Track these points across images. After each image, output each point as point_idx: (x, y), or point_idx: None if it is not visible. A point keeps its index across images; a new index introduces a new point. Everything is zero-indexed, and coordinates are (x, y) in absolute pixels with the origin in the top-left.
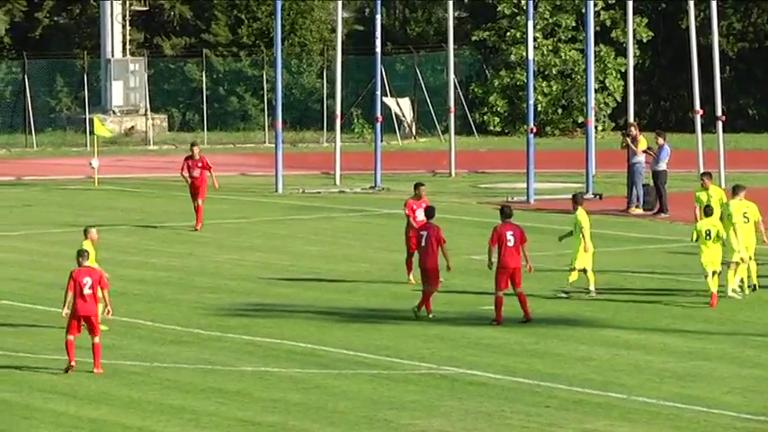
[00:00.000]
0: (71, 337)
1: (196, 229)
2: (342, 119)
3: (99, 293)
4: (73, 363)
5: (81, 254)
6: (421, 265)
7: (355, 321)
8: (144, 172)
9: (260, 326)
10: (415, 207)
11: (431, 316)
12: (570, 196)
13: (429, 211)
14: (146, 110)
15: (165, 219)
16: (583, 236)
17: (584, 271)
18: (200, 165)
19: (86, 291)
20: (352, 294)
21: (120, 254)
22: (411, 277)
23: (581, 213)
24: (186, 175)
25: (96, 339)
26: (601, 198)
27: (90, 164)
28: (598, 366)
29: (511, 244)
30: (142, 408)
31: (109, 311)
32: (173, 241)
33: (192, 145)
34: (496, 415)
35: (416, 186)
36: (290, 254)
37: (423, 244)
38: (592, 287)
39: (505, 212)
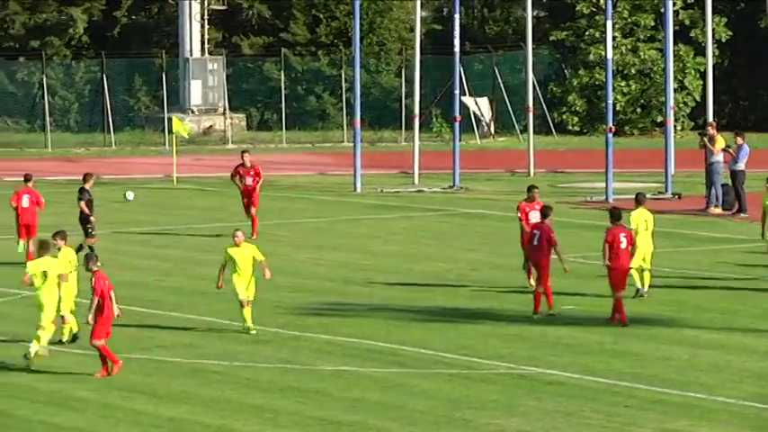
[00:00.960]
0: (103, 342)
1: (253, 239)
2: (420, 118)
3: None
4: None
5: (90, 258)
6: (534, 264)
7: (434, 321)
8: (222, 171)
9: (339, 325)
10: (528, 210)
11: (546, 313)
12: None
13: (545, 211)
14: (224, 109)
15: (244, 218)
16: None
17: (642, 270)
18: (252, 173)
19: (111, 294)
20: (430, 294)
21: (199, 253)
22: (532, 281)
23: (637, 213)
24: (238, 182)
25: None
26: (680, 198)
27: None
28: (677, 366)
29: (624, 246)
30: (221, 406)
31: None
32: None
33: (243, 152)
34: (575, 415)
35: (530, 189)
36: (368, 253)
37: (534, 243)
38: (643, 287)
39: (614, 215)
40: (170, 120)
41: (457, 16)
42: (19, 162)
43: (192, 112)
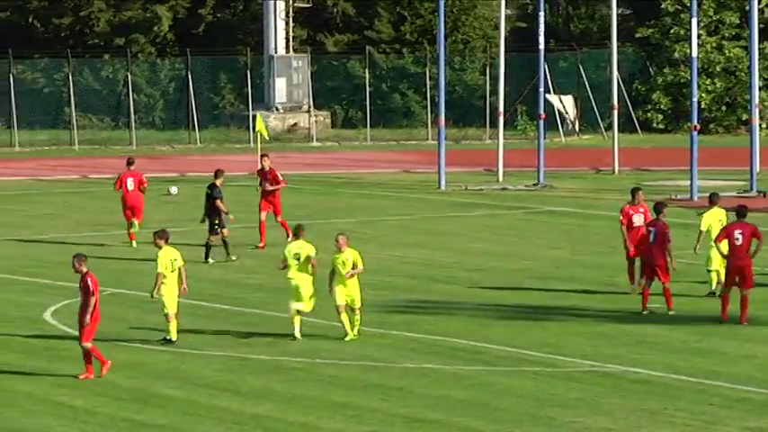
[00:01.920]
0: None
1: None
2: (505, 116)
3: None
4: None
5: (79, 258)
6: (647, 262)
7: (518, 318)
8: (307, 169)
9: (422, 322)
10: (631, 213)
11: (644, 312)
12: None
13: (659, 208)
14: (309, 107)
15: (328, 215)
16: (707, 236)
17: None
18: (269, 177)
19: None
20: (515, 291)
21: (281, 250)
22: (636, 286)
23: (711, 213)
24: (258, 185)
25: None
26: (765, 196)
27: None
28: (762, 364)
29: (739, 243)
30: (305, 404)
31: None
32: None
33: (262, 156)
34: (659, 413)
35: (634, 191)
36: (452, 251)
37: (650, 240)
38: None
39: (741, 212)
40: (254, 117)
41: (542, 14)
42: (104, 159)
43: (277, 109)
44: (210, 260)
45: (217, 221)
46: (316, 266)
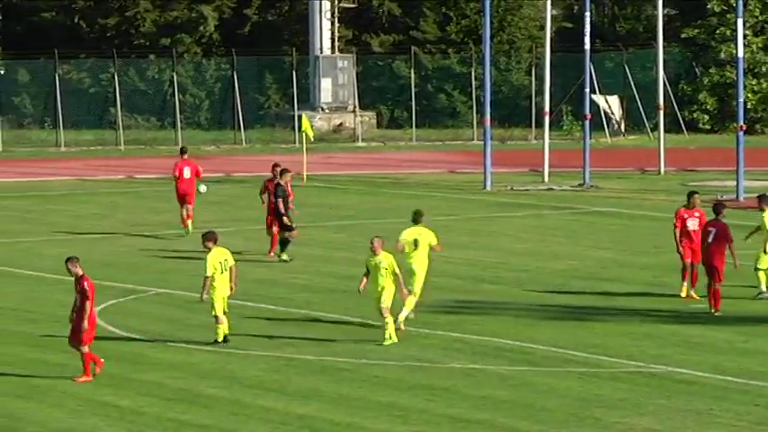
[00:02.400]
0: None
1: (269, 257)
2: (550, 116)
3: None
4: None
5: (72, 261)
6: (705, 262)
7: (564, 319)
8: (352, 169)
9: (468, 323)
10: (686, 216)
11: (716, 313)
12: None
13: (718, 208)
14: (354, 107)
15: (374, 215)
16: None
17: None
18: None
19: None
20: (560, 292)
21: (328, 250)
22: (693, 293)
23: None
24: (264, 198)
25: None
26: None
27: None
28: None
29: None
30: (351, 404)
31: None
32: None
33: (274, 166)
34: (705, 413)
35: (690, 195)
36: (498, 251)
37: (709, 241)
38: (763, 287)
39: None
40: (300, 118)
41: (587, 14)
42: (149, 159)
43: (323, 109)
44: (285, 257)
45: (290, 219)
46: (439, 250)
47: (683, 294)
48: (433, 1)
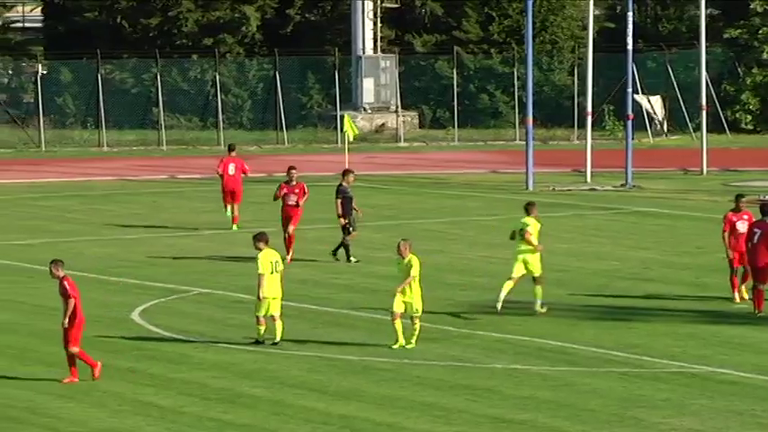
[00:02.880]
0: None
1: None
2: (593, 116)
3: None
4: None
5: (55, 264)
6: (750, 262)
7: (606, 319)
8: (394, 169)
9: (510, 323)
10: (734, 220)
11: (758, 314)
12: None
13: (765, 208)
14: (396, 107)
15: (416, 215)
16: None
17: None
18: (296, 191)
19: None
20: (602, 292)
21: (370, 250)
22: (737, 295)
23: None
24: (283, 200)
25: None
26: None
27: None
28: None
29: None
30: (392, 404)
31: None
32: (423, 238)
33: (290, 168)
34: (747, 414)
35: (738, 198)
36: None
37: (755, 240)
38: None
39: None
40: (342, 118)
41: (630, 14)
42: (191, 159)
43: (365, 109)
44: (353, 259)
45: (349, 222)
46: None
47: (738, 300)
48: (475, 1)
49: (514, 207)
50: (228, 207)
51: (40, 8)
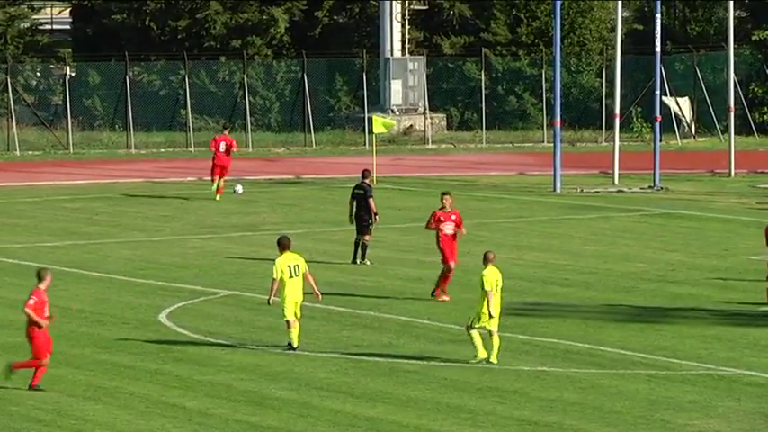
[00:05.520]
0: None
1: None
2: (621, 118)
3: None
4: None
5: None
6: None
7: (633, 321)
8: (422, 171)
9: (537, 325)
10: None
11: None
12: None
13: None
14: (424, 109)
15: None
16: None
17: None
18: (452, 217)
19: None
20: (629, 294)
21: (398, 252)
22: None
23: None
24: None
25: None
26: None
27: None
28: None
29: None
30: (419, 406)
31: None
32: None
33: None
34: None
35: None
36: (567, 253)
37: None
38: None
39: None
40: (370, 120)
41: (658, 16)
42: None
43: (393, 111)
44: (368, 261)
45: (369, 221)
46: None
47: None
48: (503, 3)
49: (542, 209)
50: (216, 180)
51: (68, 10)
